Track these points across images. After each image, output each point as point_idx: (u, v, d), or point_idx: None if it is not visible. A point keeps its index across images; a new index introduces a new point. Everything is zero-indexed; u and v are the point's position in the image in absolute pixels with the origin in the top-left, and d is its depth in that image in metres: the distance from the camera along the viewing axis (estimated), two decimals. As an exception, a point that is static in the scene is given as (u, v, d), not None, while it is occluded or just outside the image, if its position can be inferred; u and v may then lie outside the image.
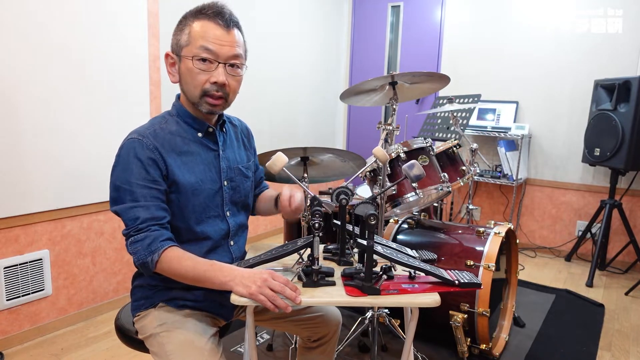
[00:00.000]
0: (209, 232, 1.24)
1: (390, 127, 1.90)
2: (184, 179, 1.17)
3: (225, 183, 1.27)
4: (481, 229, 2.08)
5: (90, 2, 2.25)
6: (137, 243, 1.09)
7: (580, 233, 3.53)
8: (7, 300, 2.09)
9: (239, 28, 1.20)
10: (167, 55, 1.20)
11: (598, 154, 3.10)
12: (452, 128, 3.08)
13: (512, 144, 3.66)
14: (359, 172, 1.46)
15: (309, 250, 1.14)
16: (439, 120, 3.25)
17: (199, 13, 1.15)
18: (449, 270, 1.14)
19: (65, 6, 2.15)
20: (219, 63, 1.15)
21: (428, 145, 2.09)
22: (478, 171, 2.40)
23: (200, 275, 1.07)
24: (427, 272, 1.10)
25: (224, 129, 1.31)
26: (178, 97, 1.27)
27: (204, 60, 1.14)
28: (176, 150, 1.18)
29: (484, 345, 1.98)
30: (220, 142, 1.28)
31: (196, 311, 1.22)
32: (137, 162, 1.11)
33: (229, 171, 1.29)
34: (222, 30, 1.14)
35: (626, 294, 2.92)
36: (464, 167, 2.26)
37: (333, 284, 1.09)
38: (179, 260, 1.09)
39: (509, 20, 3.69)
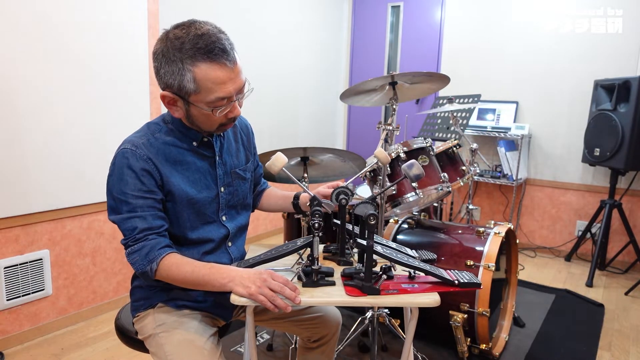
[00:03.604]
0: (207, 236, 1.23)
1: (390, 127, 1.90)
2: (179, 188, 1.16)
3: (222, 189, 1.26)
4: (481, 229, 2.08)
5: (90, 2, 2.25)
6: (135, 253, 1.09)
7: (580, 233, 3.53)
8: (7, 300, 2.09)
9: (236, 53, 1.10)
10: (163, 97, 1.10)
11: (598, 154, 3.10)
12: (452, 128, 3.08)
13: (512, 144, 3.66)
14: (360, 173, 1.46)
15: (308, 250, 1.14)
16: (439, 120, 3.25)
17: (198, 53, 1.03)
18: (448, 270, 1.14)
19: (65, 6, 2.15)
20: (234, 100, 1.11)
21: (428, 145, 2.09)
22: (478, 171, 2.40)
23: (200, 280, 1.07)
24: (427, 272, 1.10)
25: (221, 134, 1.27)
26: None
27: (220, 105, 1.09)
28: (170, 160, 1.16)
29: (484, 345, 1.98)
30: (216, 148, 1.24)
31: (195, 311, 1.22)
32: (131, 173, 1.10)
33: (226, 177, 1.27)
34: (228, 70, 1.05)
35: (626, 294, 2.92)
36: (464, 167, 2.26)
37: (333, 284, 1.09)
38: (178, 267, 1.08)
39: (509, 20, 3.69)
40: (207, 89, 1.06)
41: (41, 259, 2.20)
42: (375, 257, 1.06)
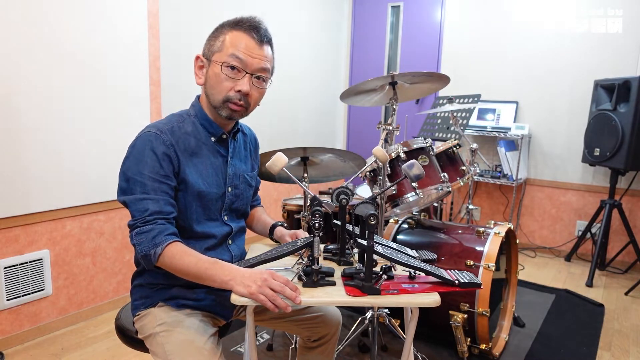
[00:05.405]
0: (210, 232, 1.25)
1: (390, 127, 1.90)
2: (192, 179, 1.19)
3: (229, 189, 1.29)
4: (481, 229, 2.08)
5: (90, 2, 2.25)
6: (142, 234, 1.10)
7: (580, 233, 3.53)
8: (8, 300, 2.09)
9: (271, 45, 1.24)
10: (197, 58, 1.24)
11: (598, 154, 3.10)
12: (452, 128, 3.08)
13: (512, 144, 3.66)
14: (359, 172, 1.46)
15: (309, 250, 1.14)
16: (439, 120, 3.25)
17: (236, 24, 1.19)
18: (449, 270, 1.14)
19: (65, 6, 2.15)
20: (246, 73, 1.18)
21: (428, 145, 2.09)
22: (478, 171, 2.40)
23: (202, 273, 1.08)
24: (427, 272, 1.10)
25: (236, 137, 1.34)
26: (198, 97, 1.29)
27: (232, 68, 1.17)
28: (189, 150, 1.21)
29: (484, 345, 1.98)
30: (230, 149, 1.30)
31: (196, 311, 1.22)
32: (153, 156, 1.13)
33: (235, 178, 1.31)
34: (254, 43, 1.18)
35: (626, 294, 2.92)
36: (464, 167, 2.26)
37: (333, 284, 1.09)
38: (182, 256, 1.09)
39: (509, 20, 3.69)
40: (227, 48, 1.17)
41: (41, 259, 2.19)
42: (375, 257, 1.06)
